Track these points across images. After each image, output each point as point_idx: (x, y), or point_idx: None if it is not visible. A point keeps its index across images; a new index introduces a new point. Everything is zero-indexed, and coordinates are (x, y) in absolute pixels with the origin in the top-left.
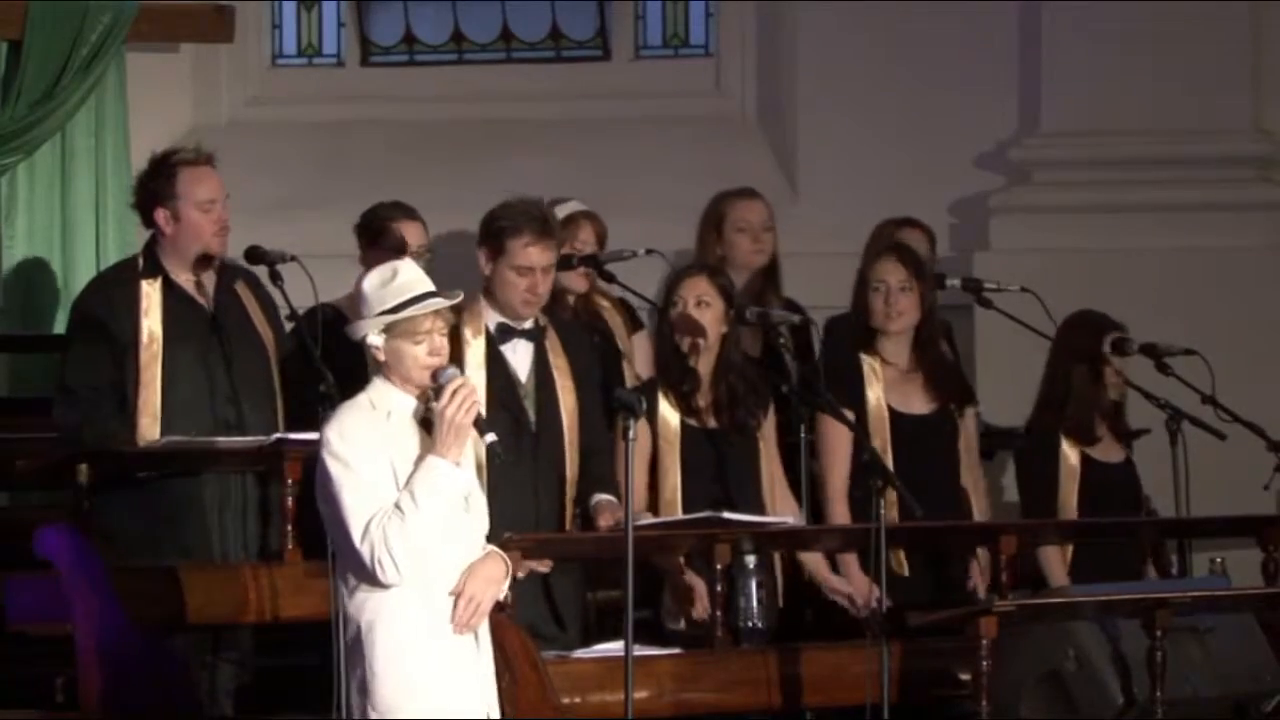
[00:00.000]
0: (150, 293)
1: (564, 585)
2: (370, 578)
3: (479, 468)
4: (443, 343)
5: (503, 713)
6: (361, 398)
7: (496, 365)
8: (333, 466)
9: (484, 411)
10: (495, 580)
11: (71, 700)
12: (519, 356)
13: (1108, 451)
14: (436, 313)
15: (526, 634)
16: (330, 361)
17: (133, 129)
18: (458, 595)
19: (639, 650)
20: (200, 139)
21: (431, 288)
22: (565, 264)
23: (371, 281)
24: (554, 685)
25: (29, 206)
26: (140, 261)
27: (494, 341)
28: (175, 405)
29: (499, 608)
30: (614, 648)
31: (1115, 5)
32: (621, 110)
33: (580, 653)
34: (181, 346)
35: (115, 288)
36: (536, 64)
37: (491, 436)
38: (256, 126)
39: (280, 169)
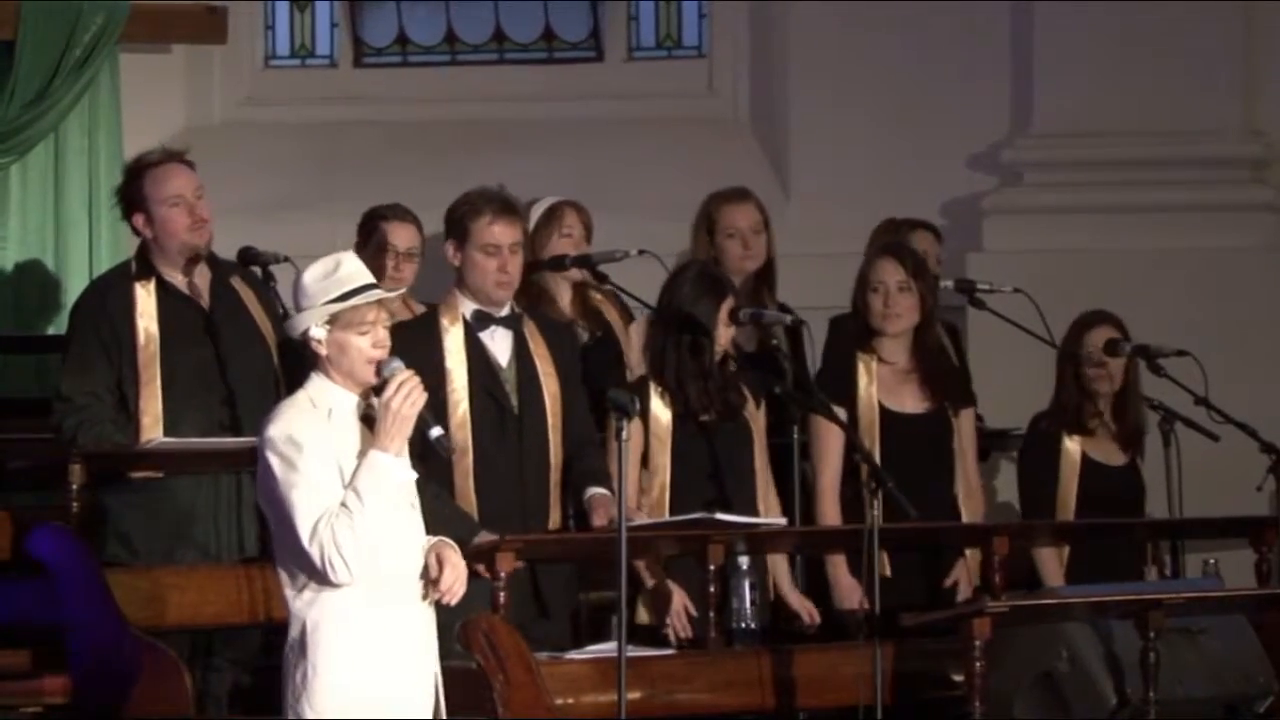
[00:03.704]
0: (144, 294)
1: (552, 578)
2: (321, 578)
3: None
4: (385, 336)
5: (496, 714)
6: (300, 395)
7: (476, 352)
8: (277, 466)
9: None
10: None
11: (65, 702)
12: (498, 344)
13: (1108, 453)
14: (380, 305)
15: (520, 635)
16: None
17: (126, 130)
18: (440, 565)
19: (632, 651)
20: (193, 140)
21: (373, 280)
22: (558, 264)
23: (313, 274)
24: (547, 686)
25: (22, 207)
26: (133, 264)
27: (472, 330)
28: (176, 406)
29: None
30: (607, 648)
31: (1107, 6)
32: (615, 111)
33: (573, 654)
34: (180, 347)
35: (109, 291)
36: (529, 65)
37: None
38: (249, 127)
39: (273, 170)
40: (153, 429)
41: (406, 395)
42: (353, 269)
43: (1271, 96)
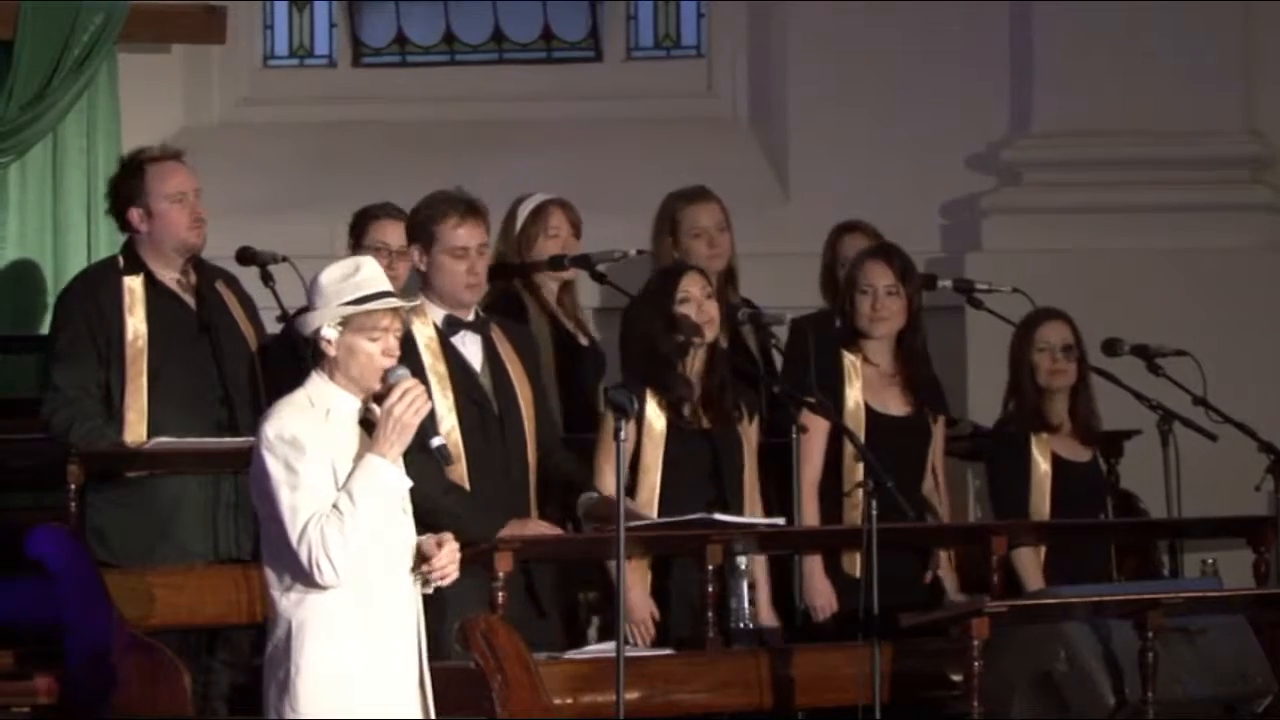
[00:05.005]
0: (134, 289)
1: (544, 572)
2: (307, 578)
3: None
4: (396, 344)
5: (494, 714)
6: (299, 395)
7: (453, 357)
8: (271, 465)
9: (436, 413)
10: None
11: (62, 702)
12: (469, 348)
13: (1074, 451)
14: (395, 313)
15: (519, 635)
16: None
17: (124, 130)
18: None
19: (630, 651)
20: (192, 140)
21: (391, 288)
22: (556, 263)
23: (331, 275)
24: (545, 686)
25: (20, 207)
26: (121, 259)
27: (444, 335)
28: (163, 403)
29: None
30: (605, 648)
31: (1107, 6)
32: (613, 111)
33: (572, 653)
34: (169, 344)
35: (99, 284)
36: (528, 65)
37: (439, 440)
38: (248, 127)
39: (272, 170)
40: (137, 425)
41: (411, 403)
42: (372, 274)
43: (1271, 96)
